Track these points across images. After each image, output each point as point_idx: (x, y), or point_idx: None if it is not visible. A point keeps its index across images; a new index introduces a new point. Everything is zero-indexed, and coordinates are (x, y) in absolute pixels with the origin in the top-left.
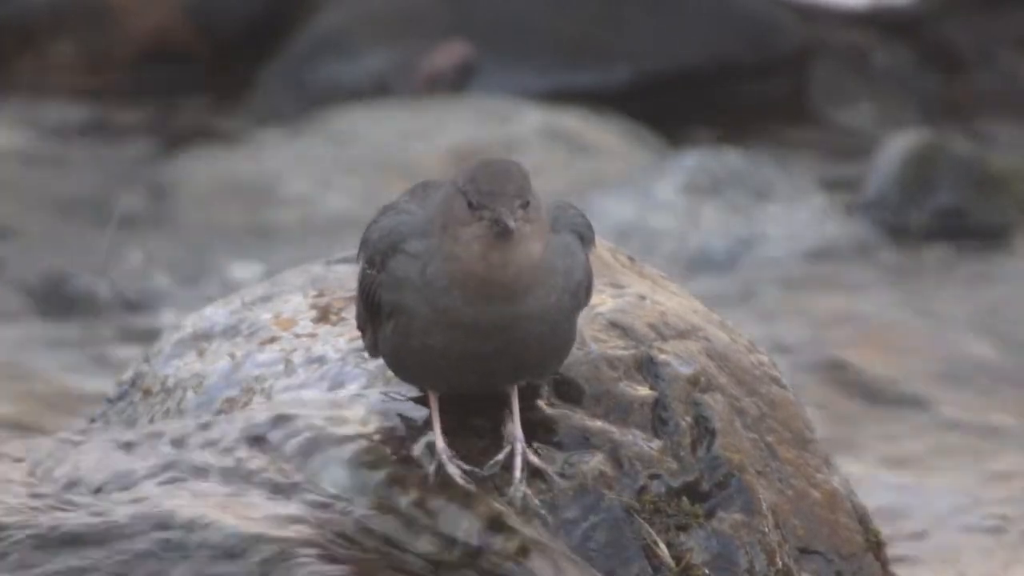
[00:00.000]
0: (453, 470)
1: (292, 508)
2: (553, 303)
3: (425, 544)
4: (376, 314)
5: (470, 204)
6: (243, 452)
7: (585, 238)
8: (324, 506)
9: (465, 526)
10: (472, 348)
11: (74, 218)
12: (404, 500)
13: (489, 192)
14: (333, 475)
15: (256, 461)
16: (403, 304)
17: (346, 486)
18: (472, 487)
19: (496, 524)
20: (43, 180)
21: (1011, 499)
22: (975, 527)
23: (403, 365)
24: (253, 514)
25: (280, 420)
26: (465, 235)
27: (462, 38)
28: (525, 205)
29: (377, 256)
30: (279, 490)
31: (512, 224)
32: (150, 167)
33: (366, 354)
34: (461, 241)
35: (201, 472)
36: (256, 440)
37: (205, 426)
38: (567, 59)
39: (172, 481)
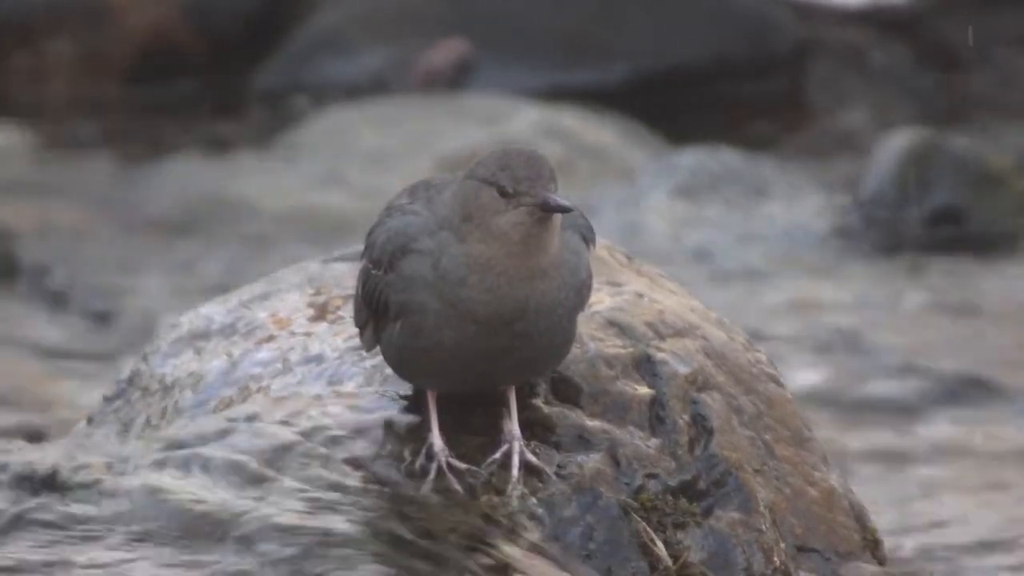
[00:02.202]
0: (450, 470)
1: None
2: (562, 298)
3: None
4: (382, 315)
5: (503, 193)
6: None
7: (587, 239)
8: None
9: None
10: (481, 345)
11: (70, 217)
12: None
13: (527, 178)
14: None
15: None
16: (414, 302)
17: None
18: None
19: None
20: (39, 179)
21: (1009, 498)
22: (972, 526)
23: (407, 365)
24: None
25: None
26: (501, 223)
27: (460, 36)
28: (555, 191)
29: (385, 257)
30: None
31: (564, 202)
32: (147, 166)
33: (363, 352)
34: (495, 230)
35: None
36: None
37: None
38: (565, 57)
39: None
